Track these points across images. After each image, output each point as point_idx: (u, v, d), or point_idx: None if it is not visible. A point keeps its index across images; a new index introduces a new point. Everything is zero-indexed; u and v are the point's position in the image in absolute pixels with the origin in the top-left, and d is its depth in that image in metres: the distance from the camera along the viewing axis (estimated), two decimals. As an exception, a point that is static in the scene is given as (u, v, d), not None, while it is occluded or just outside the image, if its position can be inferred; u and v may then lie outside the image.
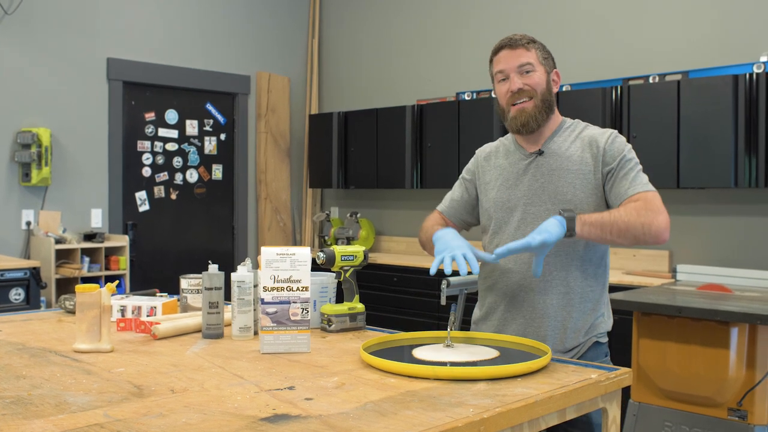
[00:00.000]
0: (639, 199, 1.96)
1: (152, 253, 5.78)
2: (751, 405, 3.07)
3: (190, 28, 5.96)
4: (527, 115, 2.05)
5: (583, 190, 2.02)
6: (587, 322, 2.05)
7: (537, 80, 2.06)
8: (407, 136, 5.57)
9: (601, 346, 2.08)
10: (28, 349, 1.91)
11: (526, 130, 2.07)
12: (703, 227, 4.46)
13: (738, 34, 4.34)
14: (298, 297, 1.86)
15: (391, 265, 5.39)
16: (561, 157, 2.06)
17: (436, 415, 1.33)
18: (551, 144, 2.09)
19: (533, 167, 2.08)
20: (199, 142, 6.08)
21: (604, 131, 2.07)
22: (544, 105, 2.06)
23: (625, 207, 1.94)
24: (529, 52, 2.06)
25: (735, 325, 3.06)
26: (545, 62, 2.10)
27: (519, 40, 2.08)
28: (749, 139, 3.95)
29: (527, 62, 2.05)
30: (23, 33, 5.07)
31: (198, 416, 1.32)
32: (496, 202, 2.13)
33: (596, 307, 2.07)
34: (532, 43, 2.09)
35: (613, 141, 2.03)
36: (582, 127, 2.12)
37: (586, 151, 2.04)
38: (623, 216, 1.90)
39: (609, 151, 2.02)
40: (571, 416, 1.58)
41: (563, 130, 2.11)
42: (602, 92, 4.49)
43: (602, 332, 2.08)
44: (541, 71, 2.07)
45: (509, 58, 2.07)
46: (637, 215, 1.90)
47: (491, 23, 5.50)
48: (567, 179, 2.03)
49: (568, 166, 2.04)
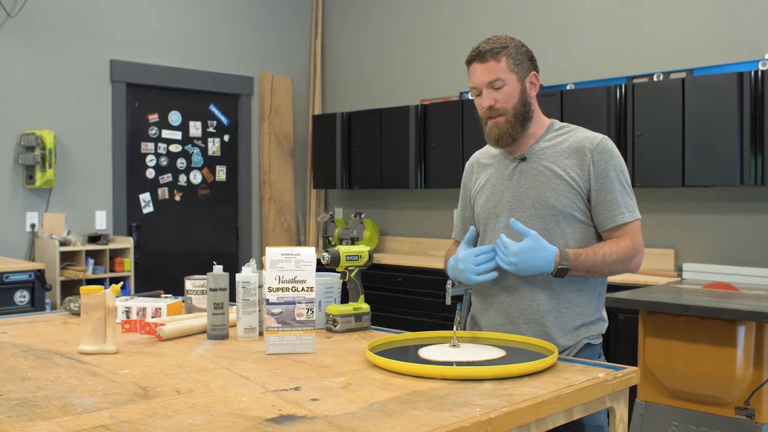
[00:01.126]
0: (625, 235, 1.99)
1: (156, 255, 5.78)
2: (758, 404, 3.06)
3: (193, 30, 5.96)
4: (500, 131, 2.05)
5: (566, 195, 2.00)
6: (573, 326, 2.02)
7: (508, 94, 2.02)
8: (411, 136, 5.56)
9: (594, 347, 2.05)
10: (34, 350, 1.90)
11: (500, 145, 2.08)
12: (708, 225, 4.44)
13: (743, 32, 4.32)
14: (303, 297, 1.86)
15: (396, 266, 5.38)
16: (545, 161, 2.04)
17: (443, 415, 1.32)
18: (535, 149, 2.07)
19: (517, 173, 2.08)
20: (203, 144, 6.08)
21: (592, 138, 2.03)
22: (518, 118, 2.04)
23: (614, 248, 1.96)
24: (499, 63, 2.01)
25: (742, 323, 3.05)
26: (518, 69, 2.03)
27: (488, 51, 2.02)
28: (755, 137, 3.93)
29: (496, 78, 2.01)
30: (26, 35, 5.08)
31: (204, 417, 1.32)
32: (484, 208, 2.14)
33: (584, 311, 2.03)
34: (503, 49, 2.02)
35: (600, 154, 1.99)
36: (569, 130, 2.09)
37: (571, 158, 2.02)
38: (608, 264, 1.97)
39: (595, 170, 1.99)
40: (579, 416, 1.58)
41: (550, 134, 2.09)
42: (606, 90, 4.48)
43: (594, 334, 2.05)
44: (512, 82, 2.02)
45: (479, 73, 2.04)
46: (623, 263, 1.99)
47: (494, 22, 5.49)
48: (550, 185, 2.01)
49: (552, 173, 2.02)
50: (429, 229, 5.87)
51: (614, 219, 1.99)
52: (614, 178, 2.00)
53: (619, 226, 1.99)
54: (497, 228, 2.09)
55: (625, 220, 1.99)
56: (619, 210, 1.99)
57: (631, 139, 4.36)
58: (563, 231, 2.01)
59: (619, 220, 1.99)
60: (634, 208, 2.02)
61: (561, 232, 2.01)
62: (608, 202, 1.99)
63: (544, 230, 2.00)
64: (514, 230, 1.98)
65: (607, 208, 1.99)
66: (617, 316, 3.99)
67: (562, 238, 2.00)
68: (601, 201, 2.00)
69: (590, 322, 2.04)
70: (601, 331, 2.08)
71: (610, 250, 1.96)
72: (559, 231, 2.01)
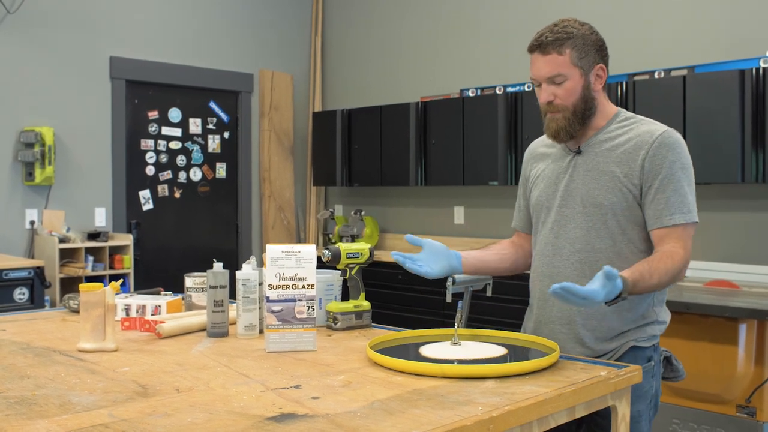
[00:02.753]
0: (675, 239, 1.83)
1: (156, 252, 5.78)
2: (759, 402, 3.05)
3: (193, 26, 5.95)
4: (557, 127, 1.94)
5: (616, 194, 1.89)
6: (613, 332, 1.90)
7: (569, 90, 1.90)
8: (411, 133, 5.55)
9: (642, 350, 1.90)
10: (33, 348, 1.90)
11: (558, 140, 1.98)
12: (709, 223, 4.43)
13: (744, 29, 4.31)
14: (304, 295, 1.85)
15: (396, 263, 5.36)
16: (599, 157, 1.94)
17: (445, 413, 1.32)
18: (593, 142, 1.96)
19: (572, 166, 1.98)
20: (203, 141, 6.07)
21: (652, 132, 1.89)
22: (577, 115, 1.93)
23: (669, 266, 1.78)
24: (562, 56, 1.88)
25: (743, 321, 3.04)
26: (582, 62, 1.90)
27: (551, 42, 1.88)
28: (756, 134, 3.92)
29: (557, 73, 1.89)
30: (26, 32, 5.06)
31: (204, 416, 1.31)
32: (538, 200, 2.05)
33: (629, 316, 1.90)
34: (568, 40, 1.88)
35: (658, 149, 1.86)
36: (632, 122, 1.95)
37: (628, 152, 1.90)
38: (663, 284, 1.80)
39: (650, 165, 1.86)
40: (581, 414, 1.57)
41: (612, 126, 1.97)
42: (607, 87, 4.45)
43: (643, 336, 1.90)
44: (575, 77, 1.89)
45: (540, 65, 1.91)
46: (676, 277, 1.81)
47: (495, 20, 5.47)
48: (600, 181, 1.91)
49: (604, 168, 1.91)
50: (429, 227, 5.86)
51: (661, 219, 1.84)
52: (669, 176, 1.84)
53: (667, 228, 1.83)
54: (547, 222, 2.00)
55: (674, 222, 1.83)
56: (668, 210, 1.83)
57: (632, 136, 4.35)
58: (611, 230, 1.89)
59: (666, 222, 1.83)
60: (690, 210, 1.85)
61: (609, 231, 1.89)
62: (658, 201, 1.84)
63: (591, 228, 1.90)
64: (557, 227, 1.94)
65: (655, 207, 1.85)
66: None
67: (610, 238, 1.89)
68: (651, 199, 1.86)
69: (639, 326, 1.90)
70: (655, 333, 1.93)
71: (665, 269, 1.78)
72: (606, 230, 1.89)
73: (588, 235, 1.90)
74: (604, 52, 1.95)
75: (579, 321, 1.91)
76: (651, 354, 1.92)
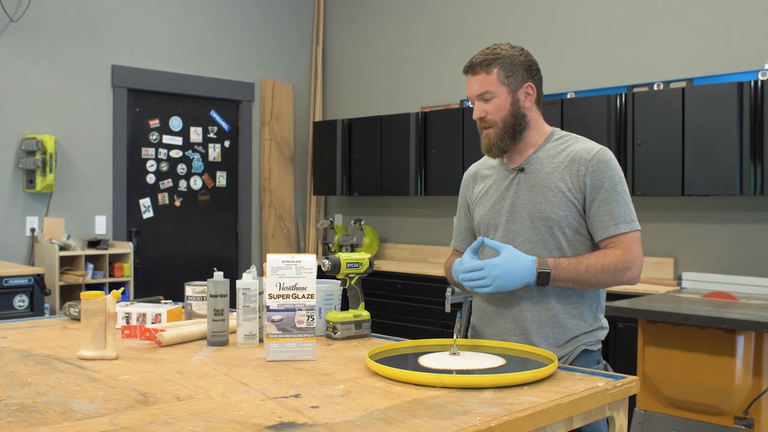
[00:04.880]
0: (619, 245, 1.96)
1: (156, 260, 5.78)
2: (757, 413, 3.06)
3: (195, 36, 5.98)
4: (489, 142, 2.07)
5: (562, 207, 2.00)
6: (565, 338, 2.02)
7: (497, 106, 2.03)
8: (411, 143, 5.57)
9: (592, 353, 2.05)
10: (33, 356, 1.90)
11: (490, 155, 2.11)
12: (708, 235, 4.45)
13: (743, 42, 4.34)
14: (304, 304, 1.86)
15: (396, 273, 5.38)
16: (542, 173, 2.04)
17: (443, 423, 1.32)
18: (533, 159, 2.07)
19: (515, 184, 2.08)
20: (204, 149, 6.09)
21: (589, 149, 2.02)
22: (507, 131, 2.05)
23: (601, 259, 1.94)
24: (490, 75, 2.02)
25: (741, 332, 3.05)
26: (509, 81, 2.03)
27: (479, 64, 2.04)
28: (754, 147, 3.94)
29: (485, 91, 2.03)
30: (28, 40, 5.09)
31: (204, 424, 1.32)
32: (483, 218, 2.15)
33: (579, 324, 2.03)
34: (495, 61, 2.03)
35: (596, 165, 1.98)
36: (569, 140, 2.08)
37: (568, 168, 2.01)
38: (594, 274, 1.94)
39: (591, 181, 1.98)
40: (578, 425, 1.57)
41: (549, 144, 2.09)
42: (607, 99, 4.49)
43: (592, 341, 2.04)
44: (502, 94, 2.03)
45: (471, 85, 2.07)
46: (613, 274, 1.95)
47: (495, 30, 5.50)
48: (546, 196, 2.01)
49: (549, 184, 2.02)
50: (429, 237, 5.87)
51: (607, 230, 1.97)
52: (609, 189, 1.98)
53: (612, 237, 1.97)
54: (496, 238, 2.09)
55: (619, 231, 1.96)
56: (613, 221, 1.97)
57: (631, 148, 4.37)
58: (559, 242, 2.01)
59: (612, 231, 1.97)
60: (631, 219, 1.99)
61: (557, 243, 2.01)
62: (602, 213, 1.98)
63: (539, 241, 2.01)
64: (505, 242, 2.01)
65: (600, 219, 1.98)
66: (616, 325, 3.99)
67: (558, 250, 2.00)
68: (595, 212, 1.99)
69: (588, 332, 2.04)
70: (600, 338, 2.07)
71: (595, 260, 1.94)
72: (554, 242, 2.01)
73: (537, 248, 2.01)
74: (533, 71, 2.08)
75: (533, 329, 2.03)
76: (599, 357, 2.07)
